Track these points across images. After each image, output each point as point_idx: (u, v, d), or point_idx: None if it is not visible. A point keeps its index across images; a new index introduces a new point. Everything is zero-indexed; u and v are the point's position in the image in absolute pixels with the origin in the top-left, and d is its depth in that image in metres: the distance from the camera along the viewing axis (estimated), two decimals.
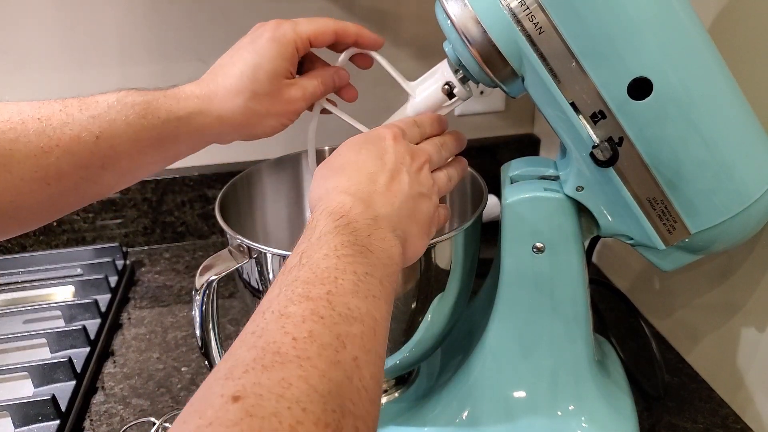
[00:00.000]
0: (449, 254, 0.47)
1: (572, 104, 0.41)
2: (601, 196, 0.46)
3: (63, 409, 0.57)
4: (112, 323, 0.71)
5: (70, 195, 0.42)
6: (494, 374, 0.51)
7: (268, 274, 0.46)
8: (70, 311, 0.69)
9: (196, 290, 0.44)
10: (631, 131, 0.41)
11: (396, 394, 0.55)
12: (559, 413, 0.50)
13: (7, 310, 0.70)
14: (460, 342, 0.57)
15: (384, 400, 0.55)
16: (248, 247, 0.45)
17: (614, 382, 0.54)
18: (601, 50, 0.39)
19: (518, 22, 0.39)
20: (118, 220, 0.86)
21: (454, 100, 0.46)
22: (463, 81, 0.46)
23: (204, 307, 0.44)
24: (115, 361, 0.66)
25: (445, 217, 0.44)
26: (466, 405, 0.51)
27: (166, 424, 0.55)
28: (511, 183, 0.49)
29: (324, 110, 0.51)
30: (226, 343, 0.68)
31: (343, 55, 0.49)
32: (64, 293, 0.75)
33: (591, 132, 0.41)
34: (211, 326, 0.45)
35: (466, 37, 0.41)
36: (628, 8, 0.38)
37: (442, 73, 0.46)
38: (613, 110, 0.40)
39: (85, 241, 0.86)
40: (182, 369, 0.65)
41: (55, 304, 0.70)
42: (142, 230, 0.87)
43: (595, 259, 0.79)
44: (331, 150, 0.61)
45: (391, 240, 0.36)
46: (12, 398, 0.56)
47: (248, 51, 0.45)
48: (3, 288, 0.75)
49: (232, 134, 0.46)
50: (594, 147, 0.41)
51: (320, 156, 0.61)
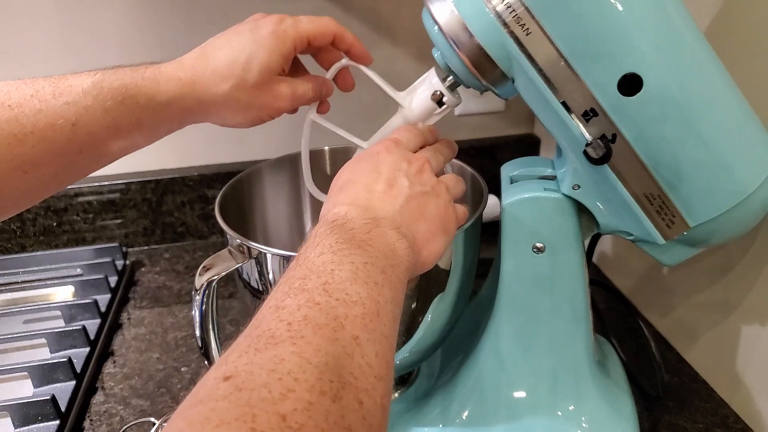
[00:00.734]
0: (449, 254, 0.47)
1: (563, 103, 0.41)
2: (597, 194, 0.46)
3: (63, 409, 0.57)
4: (112, 323, 0.71)
5: (50, 181, 0.41)
6: (494, 374, 0.51)
7: (268, 274, 0.46)
8: (70, 311, 0.69)
9: (196, 290, 0.44)
10: (623, 128, 0.41)
11: (396, 395, 0.55)
12: (560, 413, 0.50)
13: (7, 310, 0.70)
14: (460, 342, 0.57)
15: None
16: (248, 247, 0.45)
17: (614, 382, 0.54)
18: (589, 49, 0.39)
19: (505, 24, 0.39)
20: (118, 221, 0.86)
21: (443, 108, 0.46)
22: (452, 88, 0.46)
23: (204, 307, 0.44)
24: (115, 361, 0.66)
25: (464, 213, 0.43)
26: (466, 405, 0.51)
27: (166, 424, 0.55)
28: (511, 183, 0.49)
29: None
30: (226, 343, 0.68)
31: (334, 68, 0.49)
32: (64, 293, 0.75)
33: (583, 130, 0.41)
34: (211, 326, 0.45)
35: (454, 43, 0.41)
36: (614, 6, 0.38)
37: (430, 81, 0.46)
38: (604, 108, 0.40)
39: (85, 241, 0.86)
40: (182, 369, 0.65)
41: (55, 304, 0.70)
42: (142, 230, 0.87)
43: (595, 259, 0.79)
44: (331, 151, 0.61)
45: (393, 236, 0.35)
46: (12, 398, 0.56)
47: (246, 39, 0.44)
48: (3, 288, 0.75)
49: (210, 119, 0.46)
50: (587, 145, 0.41)
51: (316, 157, 0.61)
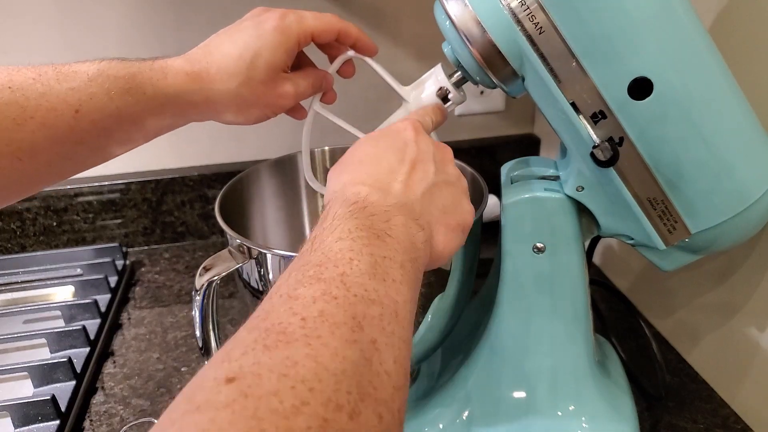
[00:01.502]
0: None
1: (572, 104, 0.41)
2: (601, 196, 0.46)
3: (63, 409, 0.57)
4: (112, 323, 0.71)
5: (43, 172, 0.39)
6: (494, 374, 0.51)
7: (268, 274, 0.46)
8: (70, 311, 0.69)
9: (196, 290, 0.44)
10: (631, 131, 0.41)
11: None
12: (560, 413, 0.50)
13: (7, 310, 0.70)
14: (460, 342, 0.57)
15: None
16: (248, 248, 0.45)
17: (614, 382, 0.54)
18: (601, 50, 0.39)
19: (519, 22, 0.39)
20: (118, 221, 0.86)
21: (448, 104, 0.46)
22: (457, 85, 0.46)
23: (204, 307, 0.44)
24: (114, 361, 0.66)
25: (471, 215, 0.40)
26: (466, 405, 0.51)
27: (153, 427, 0.55)
28: (511, 183, 0.49)
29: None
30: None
31: (338, 60, 0.49)
32: (64, 293, 0.75)
33: (591, 132, 0.41)
34: (211, 326, 0.45)
35: (466, 38, 0.41)
36: (628, 8, 0.38)
37: (435, 77, 0.46)
38: (613, 110, 0.40)
39: (85, 241, 0.86)
40: (182, 369, 0.65)
41: (55, 304, 0.70)
42: (142, 230, 0.87)
43: (595, 259, 0.79)
44: (331, 150, 0.61)
45: (413, 227, 0.33)
46: (12, 398, 0.56)
47: (250, 35, 0.43)
48: (3, 288, 0.75)
49: (214, 116, 0.45)
50: (594, 147, 0.41)
51: (316, 156, 0.61)
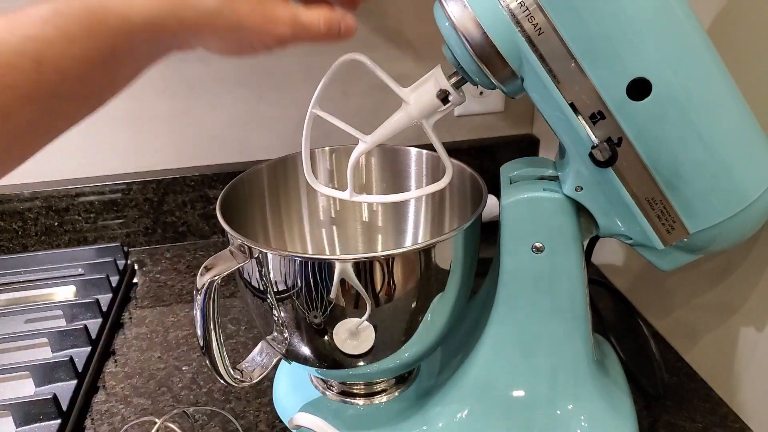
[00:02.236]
0: (449, 254, 0.47)
1: (571, 105, 0.41)
2: (600, 197, 0.46)
3: (64, 408, 0.57)
4: (113, 323, 0.72)
5: (28, 132, 0.35)
6: (494, 373, 0.51)
7: (268, 273, 0.46)
8: (71, 311, 0.69)
9: (197, 290, 0.44)
10: (630, 132, 0.41)
11: (396, 393, 0.56)
12: (559, 412, 0.51)
13: (9, 310, 0.70)
14: (460, 341, 0.57)
15: (384, 399, 0.55)
16: (249, 247, 0.46)
17: (613, 381, 0.54)
18: (600, 51, 0.39)
19: (518, 23, 0.40)
20: (120, 220, 0.86)
21: (447, 105, 0.46)
22: (457, 86, 0.46)
23: (205, 306, 0.44)
24: (116, 361, 0.66)
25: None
26: (465, 404, 0.51)
27: (168, 423, 0.56)
28: (511, 183, 0.50)
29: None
30: (227, 342, 0.68)
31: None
32: (66, 293, 0.75)
33: (590, 132, 0.42)
34: (212, 326, 0.45)
35: (465, 39, 0.41)
36: (627, 9, 0.38)
37: (435, 78, 0.46)
38: (612, 111, 0.41)
39: (86, 241, 0.86)
40: (183, 368, 0.65)
41: (56, 304, 0.70)
42: (144, 230, 0.87)
43: (594, 259, 0.79)
44: (331, 150, 0.62)
45: None
46: (13, 398, 0.56)
47: None
48: (4, 288, 0.76)
49: (193, 42, 0.40)
50: (593, 147, 0.41)
51: (316, 156, 0.61)
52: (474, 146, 0.92)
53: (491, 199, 0.53)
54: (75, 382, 0.60)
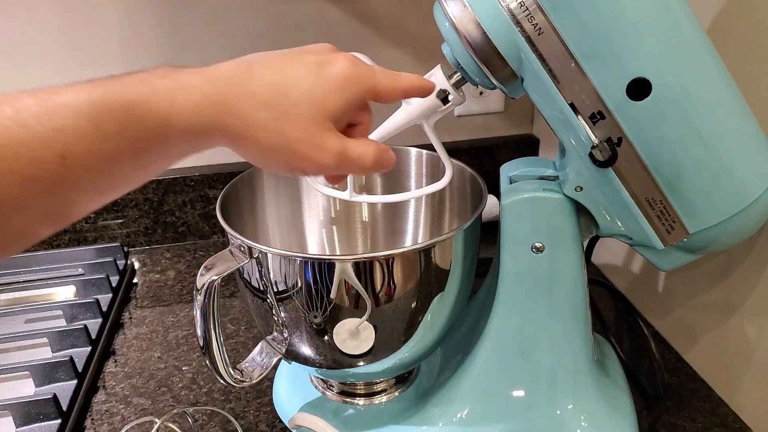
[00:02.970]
0: (449, 254, 0.47)
1: (571, 105, 0.41)
2: (600, 196, 0.46)
3: (64, 408, 0.57)
4: (113, 323, 0.72)
5: (43, 223, 0.32)
6: (494, 373, 0.51)
7: (268, 273, 0.46)
8: (71, 311, 0.69)
9: (197, 290, 0.44)
10: (630, 132, 0.41)
11: (396, 393, 0.56)
12: (559, 412, 0.51)
13: (9, 310, 0.70)
14: (459, 341, 0.57)
15: (384, 399, 0.55)
16: (249, 247, 0.46)
17: (613, 381, 0.54)
18: (600, 51, 0.39)
19: (518, 23, 0.40)
20: (120, 220, 0.86)
21: (447, 105, 0.46)
22: (457, 86, 0.46)
23: (205, 306, 0.44)
24: (116, 361, 0.66)
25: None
26: (465, 404, 0.51)
27: (168, 423, 0.56)
28: (510, 183, 0.50)
29: None
30: (227, 342, 0.68)
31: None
32: (66, 293, 0.75)
33: (590, 132, 0.42)
34: (212, 325, 0.45)
35: (465, 39, 0.41)
36: (627, 9, 0.38)
37: (435, 78, 0.46)
38: (612, 111, 0.41)
39: (86, 241, 0.86)
40: (183, 368, 0.65)
41: (56, 304, 0.70)
42: (144, 230, 0.87)
43: (594, 258, 0.79)
44: None
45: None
46: (13, 397, 0.56)
47: (308, 72, 0.36)
48: (4, 288, 0.76)
49: (232, 148, 0.37)
50: (593, 147, 0.41)
51: None
52: (474, 146, 0.92)
53: (491, 199, 0.53)
54: (75, 382, 0.60)
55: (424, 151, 0.60)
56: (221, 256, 0.46)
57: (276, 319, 0.49)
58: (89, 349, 0.65)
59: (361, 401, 0.55)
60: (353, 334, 0.47)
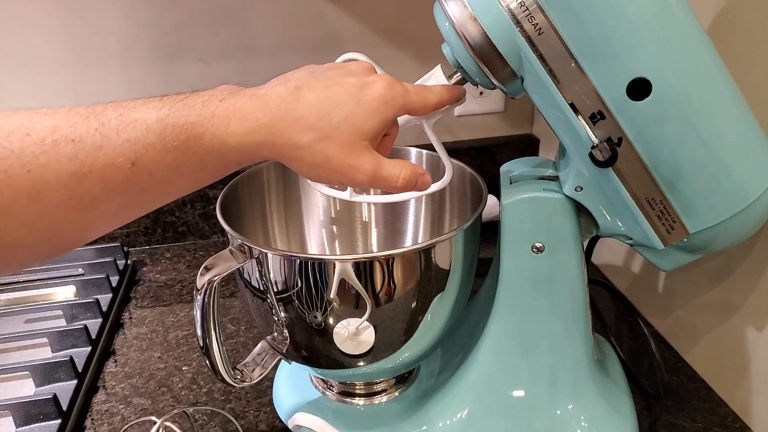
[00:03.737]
0: (449, 254, 0.47)
1: (571, 105, 0.41)
2: (600, 196, 0.46)
3: (64, 408, 0.57)
4: (113, 323, 0.72)
5: (111, 218, 0.39)
6: (494, 373, 0.51)
7: (268, 273, 0.46)
8: (71, 311, 0.69)
9: (197, 290, 0.44)
10: (630, 132, 0.41)
11: (396, 393, 0.56)
12: (559, 412, 0.51)
13: (9, 310, 0.70)
14: (459, 341, 0.57)
15: (384, 399, 0.55)
16: (249, 247, 0.46)
17: (613, 381, 0.54)
18: (600, 51, 0.39)
19: (518, 22, 0.40)
20: None
21: (447, 105, 0.46)
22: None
23: (205, 306, 0.44)
24: (116, 361, 0.66)
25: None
26: (465, 404, 0.52)
27: (168, 423, 0.56)
28: (511, 183, 0.50)
29: None
30: (227, 342, 0.68)
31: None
32: (66, 293, 0.75)
33: (590, 132, 0.42)
34: (212, 325, 0.45)
35: (465, 38, 0.41)
36: (627, 9, 0.38)
37: (435, 78, 0.46)
38: (612, 111, 0.41)
39: None
40: (183, 368, 0.65)
41: (56, 304, 0.70)
42: (144, 230, 0.87)
43: (594, 259, 0.79)
44: None
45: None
46: (13, 397, 0.56)
47: (349, 96, 0.39)
48: (4, 288, 0.76)
49: (279, 160, 0.41)
50: (593, 147, 0.41)
51: None
52: (474, 146, 0.92)
53: (491, 199, 0.53)
54: (75, 382, 0.60)
55: (424, 151, 0.60)
56: (221, 256, 0.46)
57: (276, 319, 0.49)
58: (89, 349, 0.65)
59: (361, 401, 0.55)
60: (353, 334, 0.47)
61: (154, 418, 0.58)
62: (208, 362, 0.46)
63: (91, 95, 0.80)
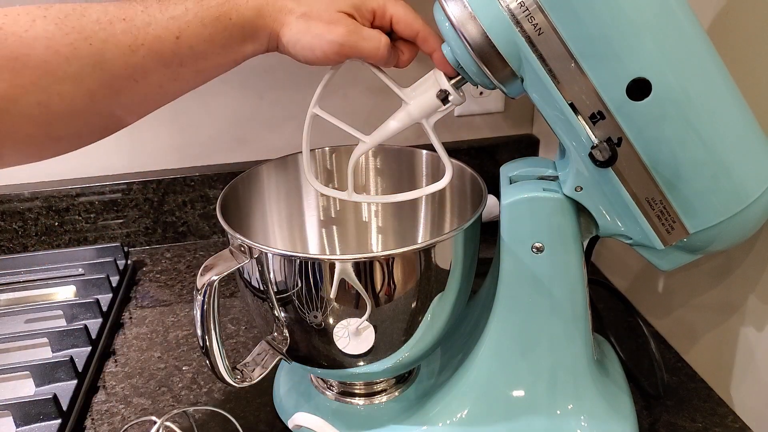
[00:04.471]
0: (449, 254, 0.47)
1: (571, 105, 0.41)
2: (599, 197, 0.46)
3: (64, 408, 0.57)
4: (113, 323, 0.72)
5: (155, 93, 0.45)
6: (494, 373, 0.51)
7: (268, 273, 0.46)
8: (71, 311, 0.69)
9: (198, 290, 0.44)
10: (630, 132, 0.41)
11: (396, 393, 0.56)
12: (558, 412, 0.51)
13: (9, 310, 0.71)
14: (459, 341, 0.57)
15: (384, 399, 0.55)
16: (249, 247, 0.46)
17: (613, 381, 0.54)
18: (600, 51, 0.39)
19: (517, 23, 0.40)
20: (120, 220, 0.86)
21: (447, 105, 0.47)
22: (457, 86, 0.46)
23: (205, 306, 0.44)
24: (116, 361, 0.66)
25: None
26: (465, 404, 0.52)
27: (168, 423, 0.56)
28: (510, 183, 0.50)
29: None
30: (227, 342, 0.68)
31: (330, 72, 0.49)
32: (66, 293, 0.75)
33: (590, 132, 0.42)
34: (212, 325, 0.45)
35: (465, 38, 0.41)
36: (626, 9, 0.38)
37: (435, 78, 0.46)
38: (612, 111, 0.41)
39: (86, 241, 0.86)
40: (183, 368, 0.65)
41: (56, 304, 0.70)
42: (144, 230, 0.88)
43: (593, 258, 0.79)
44: (331, 150, 0.62)
45: None
46: (13, 397, 0.56)
47: None
48: (5, 288, 0.76)
49: (279, 43, 0.47)
50: (593, 147, 0.41)
51: (317, 156, 0.61)
52: (474, 146, 0.92)
53: (491, 199, 0.53)
54: (75, 382, 0.60)
55: (424, 151, 0.60)
56: (221, 256, 0.46)
57: (276, 319, 0.49)
58: (89, 349, 0.65)
59: (361, 401, 0.55)
60: (353, 334, 0.47)
61: (154, 418, 0.58)
62: (208, 362, 0.46)
63: None
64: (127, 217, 0.86)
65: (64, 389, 0.59)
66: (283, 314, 0.48)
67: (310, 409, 0.54)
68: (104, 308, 0.71)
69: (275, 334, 0.51)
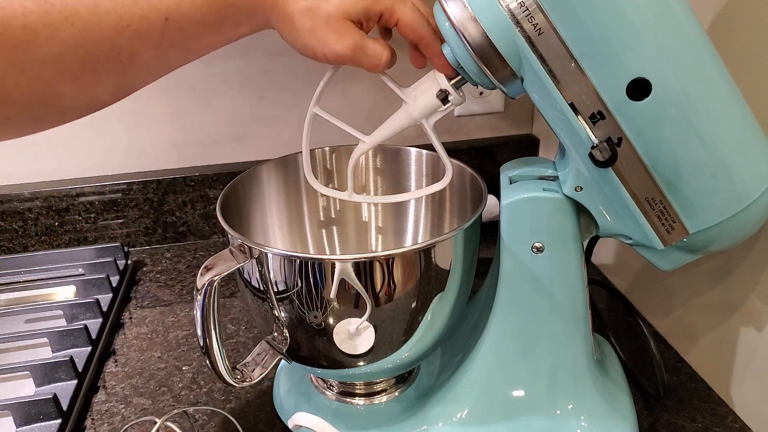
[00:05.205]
0: (449, 254, 0.47)
1: (571, 105, 0.41)
2: (599, 197, 0.46)
3: (64, 408, 0.57)
4: (113, 322, 0.72)
5: (143, 72, 0.44)
6: (494, 373, 0.51)
7: (268, 273, 0.46)
8: (71, 311, 0.69)
9: (198, 290, 0.44)
10: (630, 132, 0.41)
11: (396, 393, 0.56)
12: (558, 412, 0.51)
13: (9, 310, 0.71)
14: (459, 341, 0.57)
15: (384, 399, 0.55)
16: (249, 247, 0.46)
17: (613, 381, 0.54)
18: (600, 51, 0.39)
19: (517, 23, 0.40)
20: (120, 220, 0.86)
21: (447, 105, 0.47)
22: (457, 86, 0.46)
23: (205, 306, 0.44)
24: (116, 361, 0.67)
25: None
26: (465, 404, 0.52)
27: (168, 423, 0.56)
28: (510, 183, 0.50)
29: None
30: (227, 342, 0.68)
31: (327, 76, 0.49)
32: (66, 293, 0.75)
33: (590, 132, 0.42)
34: (212, 325, 0.45)
35: (465, 39, 0.41)
36: (627, 9, 0.38)
37: (435, 79, 0.46)
38: (612, 111, 0.41)
39: (86, 241, 0.86)
40: (183, 368, 0.65)
41: (56, 304, 0.70)
42: (144, 230, 0.88)
43: (594, 259, 0.79)
44: (331, 150, 0.62)
45: None
46: (13, 397, 0.56)
47: None
48: (5, 288, 0.76)
49: (277, 25, 0.45)
50: (593, 147, 0.41)
51: (316, 155, 0.61)
52: (474, 146, 0.92)
53: (491, 199, 0.53)
54: (75, 382, 0.60)
55: (424, 151, 0.60)
56: (221, 256, 0.46)
57: (276, 319, 0.49)
58: (89, 349, 0.65)
59: (361, 401, 0.55)
60: (353, 334, 0.47)
61: (154, 418, 0.58)
62: (208, 362, 0.46)
63: None
64: (127, 217, 0.86)
65: (64, 389, 0.59)
66: (283, 314, 0.48)
67: (310, 409, 0.54)
68: (104, 308, 0.71)
69: (275, 334, 0.51)
